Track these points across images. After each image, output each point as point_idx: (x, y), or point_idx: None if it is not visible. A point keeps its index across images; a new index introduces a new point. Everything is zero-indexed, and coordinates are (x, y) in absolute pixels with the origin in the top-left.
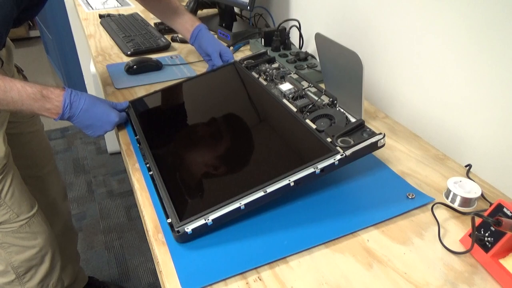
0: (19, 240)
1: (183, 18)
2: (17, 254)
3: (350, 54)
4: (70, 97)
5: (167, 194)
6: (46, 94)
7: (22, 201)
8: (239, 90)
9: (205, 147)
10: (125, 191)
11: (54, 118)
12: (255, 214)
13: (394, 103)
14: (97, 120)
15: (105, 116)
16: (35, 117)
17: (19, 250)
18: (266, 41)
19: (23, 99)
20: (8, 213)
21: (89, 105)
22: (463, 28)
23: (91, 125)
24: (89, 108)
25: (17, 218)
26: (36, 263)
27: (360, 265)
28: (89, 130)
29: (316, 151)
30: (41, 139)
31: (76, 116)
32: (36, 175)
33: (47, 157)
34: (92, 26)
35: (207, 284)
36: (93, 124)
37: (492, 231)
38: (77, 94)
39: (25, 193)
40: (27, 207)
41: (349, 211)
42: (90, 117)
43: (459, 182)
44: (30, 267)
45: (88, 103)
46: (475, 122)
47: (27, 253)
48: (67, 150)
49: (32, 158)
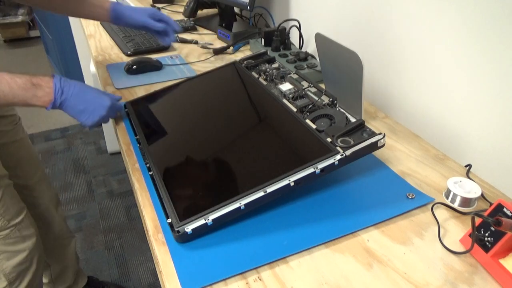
0: (9, 246)
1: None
2: (8, 260)
3: (350, 54)
4: (60, 83)
5: (167, 194)
6: (36, 82)
7: (12, 207)
8: (239, 90)
9: (205, 147)
10: (125, 191)
11: (46, 107)
12: (255, 214)
13: (394, 103)
14: (89, 104)
15: (98, 99)
16: (18, 125)
17: (10, 256)
18: (266, 41)
19: (13, 91)
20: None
21: (80, 90)
22: (463, 28)
23: (84, 110)
24: (80, 92)
25: (8, 225)
26: (26, 267)
27: (360, 265)
28: (83, 116)
29: (316, 151)
30: (27, 148)
31: (68, 100)
32: (25, 185)
33: (34, 166)
34: (92, 26)
35: (207, 284)
36: (86, 108)
37: (492, 231)
38: (66, 80)
39: (14, 198)
40: (17, 212)
41: (349, 211)
42: (82, 101)
43: (459, 182)
44: (20, 271)
45: (78, 87)
46: (475, 122)
47: (18, 258)
48: (67, 150)
49: (20, 168)
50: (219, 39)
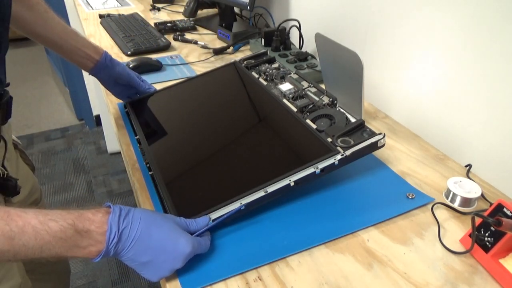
0: None
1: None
2: None
3: (350, 54)
4: (119, 224)
5: (167, 194)
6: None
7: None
8: (239, 90)
9: (205, 147)
10: (125, 191)
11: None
12: (255, 214)
13: (394, 103)
14: (158, 253)
15: (170, 245)
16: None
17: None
18: (266, 41)
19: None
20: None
21: (145, 231)
22: (463, 29)
23: (149, 263)
24: (145, 235)
25: None
26: None
27: (360, 265)
28: (147, 270)
29: (316, 151)
30: None
31: (126, 251)
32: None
33: None
34: (92, 26)
35: (207, 284)
36: (152, 260)
37: (492, 231)
38: (127, 215)
39: None
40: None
41: (349, 211)
42: (146, 249)
43: (459, 182)
44: None
45: (143, 228)
46: (475, 122)
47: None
48: (67, 150)
49: None
50: (219, 39)
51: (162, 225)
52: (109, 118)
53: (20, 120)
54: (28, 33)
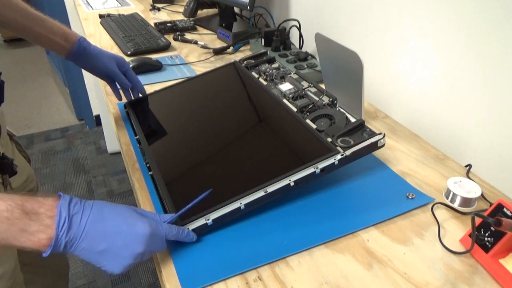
0: None
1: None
2: None
3: (350, 54)
4: (69, 208)
5: (167, 194)
6: (31, 208)
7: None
8: (239, 90)
9: (205, 147)
10: (125, 191)
11: (42, 252)
12: (255, 214)
13: (394, 103)
14: (114, 239)
15: (127, 228)
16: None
17: None
18: (266, 41)
19: None
20: None
21: (98, 215)
22: (463, 29)
23: (106, 251)
24: (98, 220)
25: None
26: None
27: (360, 265)
28: (105, 259)
29: (316, 151)
30: None
31: (80, 239)
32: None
33: None
34: (92, 26)
35: (207, 284)
36: (109, 247)
37: (492, 231)
38: (79, 202)
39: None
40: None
41: (349, 211)
42: (103, 235)
43: (459, 182)
44: None
45: (97, 210)
46: (475, 122)
47: None
48: (67, 150)
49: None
50: (219, 39)
51: (115, 209)
52: (109, 118)
53: (20, 120)
54: None
